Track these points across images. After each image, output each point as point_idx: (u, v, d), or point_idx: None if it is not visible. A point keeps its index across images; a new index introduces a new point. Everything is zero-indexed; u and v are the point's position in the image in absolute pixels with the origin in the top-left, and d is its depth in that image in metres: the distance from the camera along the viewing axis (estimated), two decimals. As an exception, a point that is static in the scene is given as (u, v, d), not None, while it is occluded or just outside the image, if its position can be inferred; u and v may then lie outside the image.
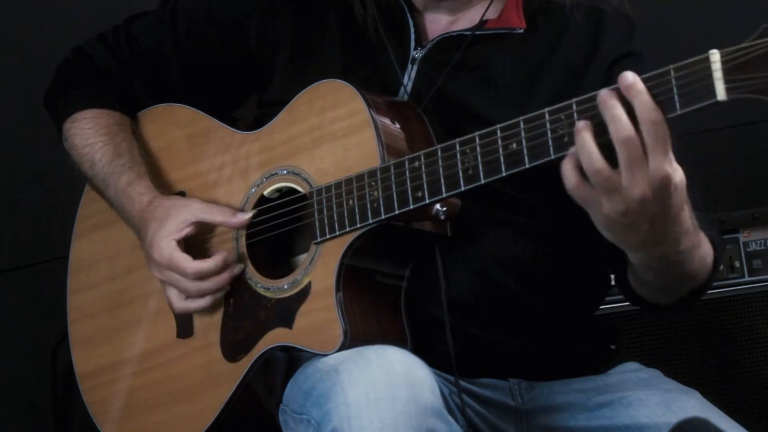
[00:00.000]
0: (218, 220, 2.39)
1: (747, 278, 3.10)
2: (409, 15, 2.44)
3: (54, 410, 3.58)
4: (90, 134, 2.56)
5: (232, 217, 2.39)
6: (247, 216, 2.38)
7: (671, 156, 1.93)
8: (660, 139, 1.91)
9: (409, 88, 2.39)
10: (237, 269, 2.38)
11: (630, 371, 2.43)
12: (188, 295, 2.39)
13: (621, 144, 1.92)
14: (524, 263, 2.33)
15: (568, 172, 1.98)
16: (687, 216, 2.04)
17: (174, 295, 2.41)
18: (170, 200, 2.46)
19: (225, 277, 2.37)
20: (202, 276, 2.36)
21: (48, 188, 3.63)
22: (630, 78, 1.92)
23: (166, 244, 2.38)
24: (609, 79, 2.27)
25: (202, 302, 2.39)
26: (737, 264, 3.09)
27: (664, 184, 1.93)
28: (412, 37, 2.43)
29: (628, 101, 1.92)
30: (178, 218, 2.40)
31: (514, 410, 2.38)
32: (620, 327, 2.61)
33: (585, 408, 2.37)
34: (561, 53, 2.37)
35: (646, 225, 1.98)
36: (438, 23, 2.44)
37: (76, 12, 3.63)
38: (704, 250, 2.18)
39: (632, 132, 1.91)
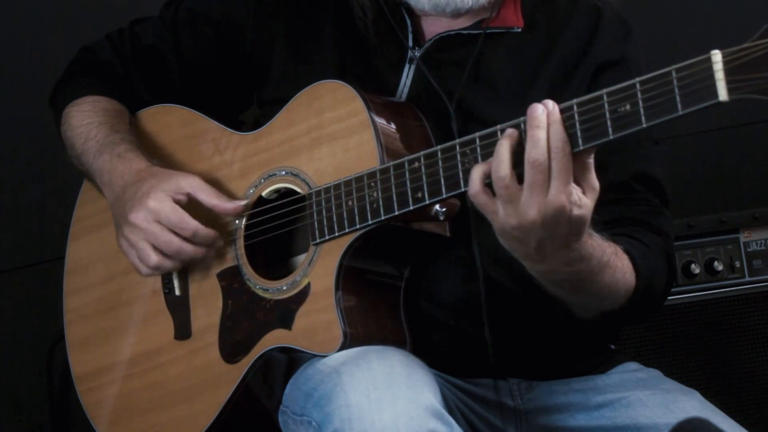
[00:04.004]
0: (213, 202, 2.37)
1: (747, 278, 3.10)
2: (406, 15, 2.43)
3: (51, 412, 3.57)
4: (87, 115, 2.55)
5: (226, 202, 2.38)
6: (242, 203, 2.37)
7: (572, 190, 1.97)
8: (563, 169, 1.96)
9: (407, 88, 2.39)
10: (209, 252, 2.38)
11: (630, 371, 2.43)
12: (165, 251, 2.36)
13: (529, 164, 1.97)
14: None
15: (475, 175, 2.03)
16: (585, 245, 2.07)
17: (148, 249, 2.37)
18: (171, 170, 2.45)
19: (201, 250, 2.36)
20: (194, 239, 2.35)
21: (48, 188, 3.63)
22: (549, 106, 1.98)
23: (165, 197, 2.35)
24: (594, 82, 2.30)
25: (170, 264, 2.38)
26: (737, 264, 3.09)
27: (557, 214, 1.98)
28: (410, 36, 2.42)
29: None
30: (178, 182, 2.38)
31: (514, 410, 2.37)
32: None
33: (584, 408, 2.37)
34: (558, 52, 2.37)
35: (534, 243, 2.03)
36: (436, 24, 2.43)
37: (78, 13, 3.63)
38: (615, 276, 2.18)
39: (544, 156, 1.96)
